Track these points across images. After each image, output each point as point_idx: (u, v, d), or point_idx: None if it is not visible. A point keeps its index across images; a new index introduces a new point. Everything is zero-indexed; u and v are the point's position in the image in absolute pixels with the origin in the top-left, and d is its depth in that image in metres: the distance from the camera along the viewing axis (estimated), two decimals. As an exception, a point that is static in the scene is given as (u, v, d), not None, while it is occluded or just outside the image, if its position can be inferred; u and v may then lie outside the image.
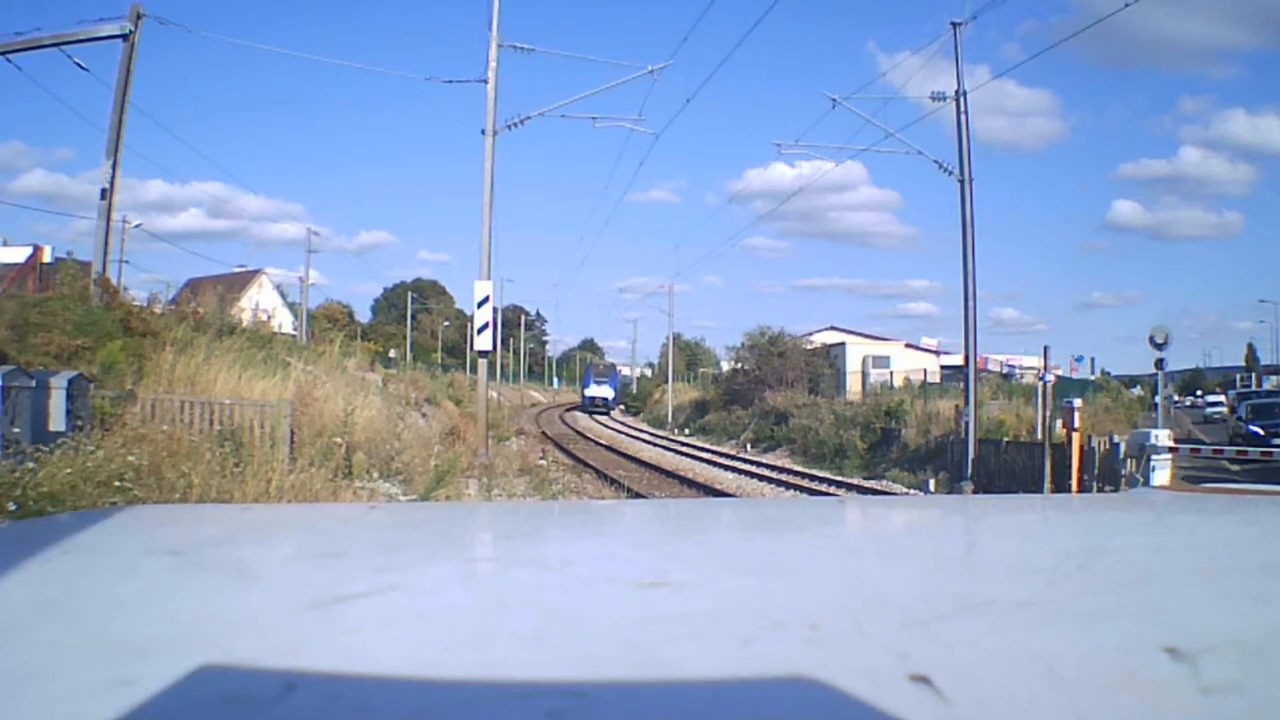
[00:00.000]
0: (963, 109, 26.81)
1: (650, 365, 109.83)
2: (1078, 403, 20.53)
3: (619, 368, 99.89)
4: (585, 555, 1.42)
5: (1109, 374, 77.52)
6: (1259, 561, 1.29)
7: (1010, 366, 54.66)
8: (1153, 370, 24.98)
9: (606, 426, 49.22)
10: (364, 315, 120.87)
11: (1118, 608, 0.97)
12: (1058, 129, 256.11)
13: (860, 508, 2.10)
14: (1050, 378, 27.65)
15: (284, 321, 49.19)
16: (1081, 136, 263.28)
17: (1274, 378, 76.62)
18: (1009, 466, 21.57)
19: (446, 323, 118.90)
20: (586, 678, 0.74)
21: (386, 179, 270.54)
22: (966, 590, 1.04)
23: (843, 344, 53.08)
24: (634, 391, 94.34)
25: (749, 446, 39.53)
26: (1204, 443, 27.16)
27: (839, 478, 25.56)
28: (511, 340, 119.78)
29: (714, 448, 38.42)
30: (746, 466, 27.25)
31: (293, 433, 15.57)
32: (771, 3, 23.60)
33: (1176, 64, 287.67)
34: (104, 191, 21.59)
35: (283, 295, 64.48)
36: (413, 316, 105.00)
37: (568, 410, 76.60)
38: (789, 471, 26.72)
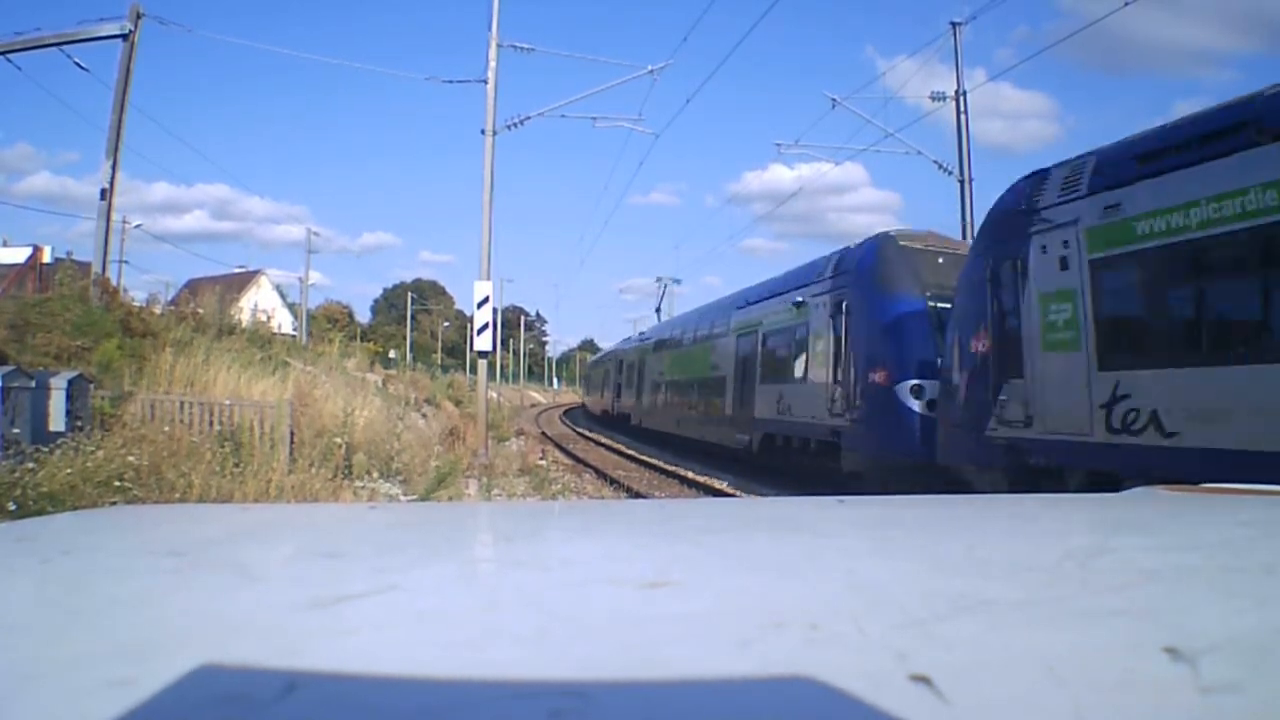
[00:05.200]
0: (962, 109, 26.93)
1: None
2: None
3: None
4: (585, 555, 1.41)
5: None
6: (1259, 561, 1.27)
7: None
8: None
9: (608, 426, 49.06)
10: (364, 316, 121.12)
11: (1117, 607, 0.97)
12: (1054, 131, 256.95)
13: (860, 507, 1.98)
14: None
15: (283, 322, 49.30)
16: (1078, 139, 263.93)
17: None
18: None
19: (446, 323, 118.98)
20: (587, 678, 0.73)
21: (389, 179, 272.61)
22: (966, 590, 1.03)
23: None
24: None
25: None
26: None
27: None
28: (511, 341, 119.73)
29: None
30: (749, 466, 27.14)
31: (292, 433, 15.58)
32: (770, 4, 23.44)
33: (1171, 68, 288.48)
34: (104, 192, 21.62)
35: (282, 296, 64.68)
36: (412, 317, 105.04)
37: (568, 411, 75.81)
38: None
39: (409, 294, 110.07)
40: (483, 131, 24.52)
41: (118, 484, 11.06)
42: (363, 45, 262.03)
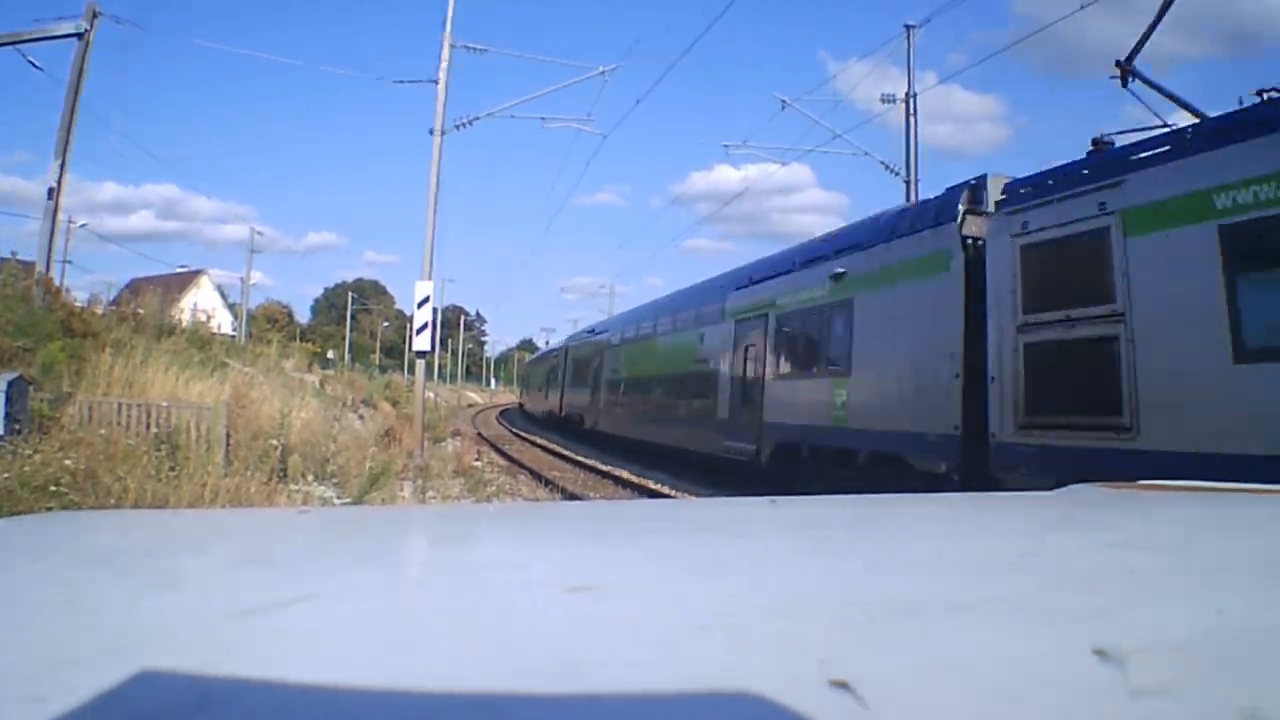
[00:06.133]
0: (912, 110, 27.01)
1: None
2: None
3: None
4: (511, 559, 1.38)
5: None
6: (1193, 561, 1.27)
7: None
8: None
9: (544, 427, 48.73)
10: (304, 316, 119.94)
11: (1047, 608, 0.96)
12: (1005, 134, 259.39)
13: (791, 508, 1.91)
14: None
15: (224, 322, 48.86)
16: (1028, 142, 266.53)
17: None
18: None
19: (386, 323, 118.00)
20: (507, 687, 0.72)
21: (335, 180, 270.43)
22: (894, 592, 1.02)
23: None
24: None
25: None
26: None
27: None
28: (450, 341, 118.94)
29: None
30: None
31: (229, 435, 15.43)
32: (725, 6, 23.39)
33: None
34: (51, 191, 21.24)
35: (223, 295, 64.32)
36: (352, 317, 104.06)
37: (504, 412, 75.26)
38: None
39: (349, 294, 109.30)
40: (431, 131, 24.45)
41: (54, 489, 10.85)
42: (314, 45, 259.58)
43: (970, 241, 13.24)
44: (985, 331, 12.43)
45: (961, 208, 13.52)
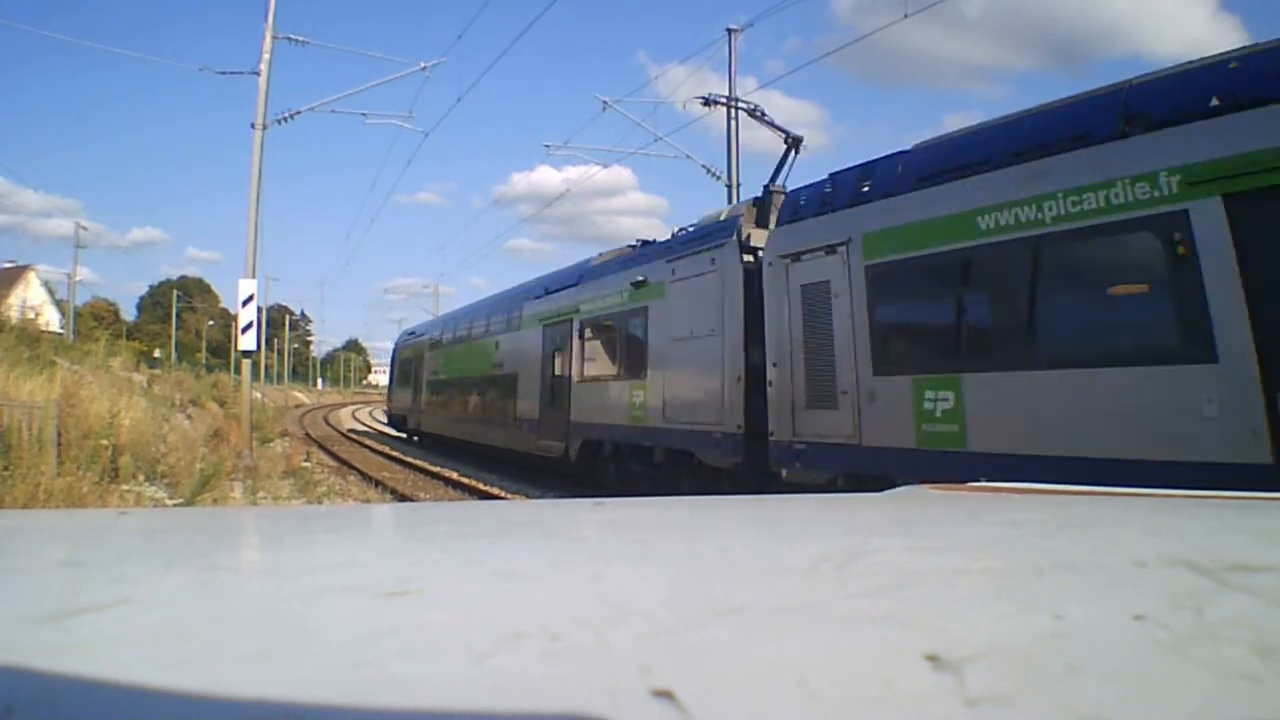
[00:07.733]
0: (733, 115, 27.39)
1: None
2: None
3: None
4: (327, 563, 1.31)
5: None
6: (1028, 563, 1.22)
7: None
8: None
9: (372, 429, 48.20)
10: (130, 314, 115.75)
11: (876, 613, 0.91)
12: (823, 140, 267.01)
13: (615, 510, 1.89)
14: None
15: (52, 320, 47.06)
16: (847, 149, 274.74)
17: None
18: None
19: (211, 322, 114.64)
20: (313, 699, 0.68)
21: (159, 173, 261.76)
22: (717, 596, 0.98)
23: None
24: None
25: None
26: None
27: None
28: (276, 340, 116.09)
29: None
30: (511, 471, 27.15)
31: (60, 434, 14.91)
32: (546, 5, 23.27)
33: (943, 82, 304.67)
34: None
35: (50, 292, 61.65)
36: (178, 315, 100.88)
37: (332, 411, 74.10)
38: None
39: (174, 292, 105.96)
40: (252, 125, 23.87)
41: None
42: (136, 34, 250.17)
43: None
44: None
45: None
